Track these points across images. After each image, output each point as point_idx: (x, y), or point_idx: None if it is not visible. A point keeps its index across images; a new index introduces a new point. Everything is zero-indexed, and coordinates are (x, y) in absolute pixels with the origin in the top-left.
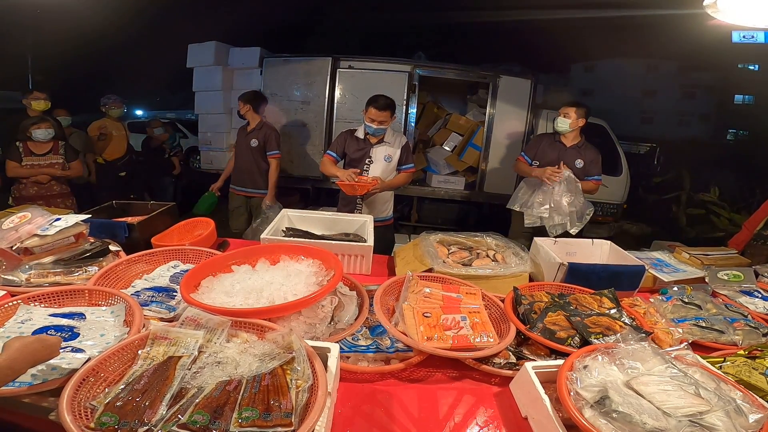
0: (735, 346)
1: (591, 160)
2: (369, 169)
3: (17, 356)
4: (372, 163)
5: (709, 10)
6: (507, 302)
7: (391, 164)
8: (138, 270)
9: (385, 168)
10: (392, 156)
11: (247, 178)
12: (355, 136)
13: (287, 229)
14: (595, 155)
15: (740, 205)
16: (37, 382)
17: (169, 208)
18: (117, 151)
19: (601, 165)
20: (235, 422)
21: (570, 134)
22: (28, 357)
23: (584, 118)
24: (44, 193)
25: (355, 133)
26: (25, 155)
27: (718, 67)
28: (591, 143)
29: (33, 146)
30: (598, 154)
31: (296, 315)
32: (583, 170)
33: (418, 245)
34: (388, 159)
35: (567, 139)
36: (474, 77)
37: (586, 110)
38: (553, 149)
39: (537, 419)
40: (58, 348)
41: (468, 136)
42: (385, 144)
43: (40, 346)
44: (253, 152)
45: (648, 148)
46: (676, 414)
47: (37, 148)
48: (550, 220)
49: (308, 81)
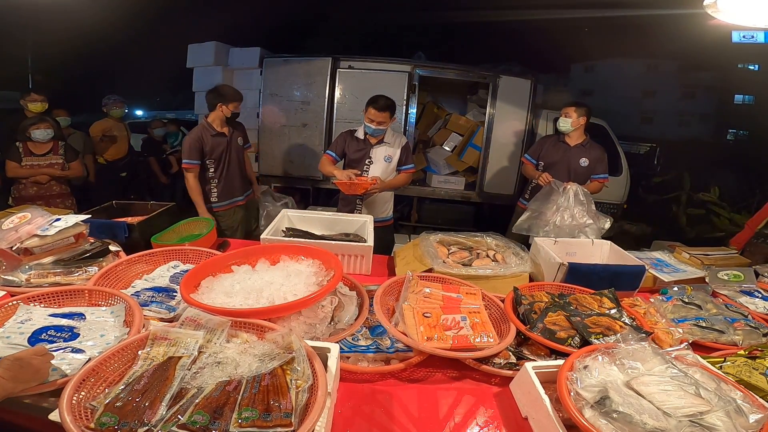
0: (735, 346)
1: (597, 158)
2: (369, 169)
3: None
4: (372, 164)
5: (709, 10)
6: (507, 302)
7: (391, 165)
8: (138, 270)
9: (385, 168)
10: (392, 156)
11: (243, 182)
12: (355, 136)
13: (287, 229)
14: (600, 153)
15: (740, 205)
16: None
17: (169, 208)
18: (118, 152)
19: (607, 163)
20: (235, 422)
21: (574, 134)
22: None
23: (585, 117)
24: (44, 194)
25: (355, 134)
26: (25, 155)
27: (718, 67)
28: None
29: (33, 146)
30: (603, 152)
31: (296, 315)
32: (589, 169)
33: (418, 245)
34: (388, 159)
35: (571, 139)
36: (474, 77)
37: (587, 109)
38: (557, 149)
39: (537, 419)
40: (46, 371)
41: (468, 136)
42: (385, 144)
43: (19, 368)
44: (239, 152)
45: (648, 148)
46: (677, 414)
47: (37, 149)
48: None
49: (308, 81)
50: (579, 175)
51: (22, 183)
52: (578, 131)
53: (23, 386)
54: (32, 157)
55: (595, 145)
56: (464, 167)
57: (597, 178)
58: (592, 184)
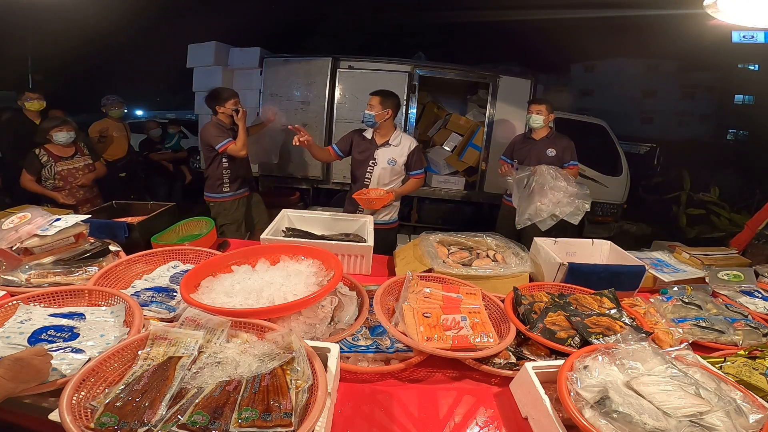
0: (735, 347)
1: (563, 147)
2: (372, 171)
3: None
4: (375, 166)
5: (709, 10)
6: (507, 302)
7: (396, 168)
8: (138, 270)
9: (388, 172)
10: (396, 160)
11: (249, 176)
12: (363, 135)
13: (287, 229)
14: (567, 142)
15: (740, 205)
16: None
17: (169, 208)
18: (118, 152)
19: (575, 151)
20: (235, 422)
21: (540, 129)
22: (8, 380)
23: (552, 113)
24: (88, 196)
25: (363, 133)
26: (55, 161)
27: (718, 67)
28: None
29: (57, 150)
30: (570, 141)
31: (296, 315)
32: (558, 159)
33: (418, 245)
34: (392, 163)
35: (537, 134)
36: (474, 77)
37: (552, 105)
38: (525, 145)
39: (537, 419)
40: (47, 372)
41: (468, 136)
42: (390, 146)
43: (19, 368)
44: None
45: (648, 148)
46: (677, 414)
47: (63, 152)
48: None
49: (308, 81)
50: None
51: (65, 189)
52: (545, 126)
53: (24, 386)
54: (63, 162)
55: (560, 136)
56: (464, 167)
57: (567, 166)
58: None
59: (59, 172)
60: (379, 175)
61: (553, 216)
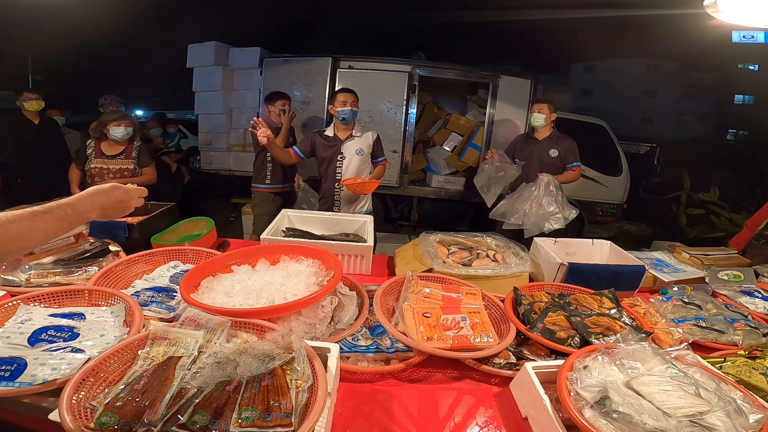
0: (735, 347)
1: (566, 148)
2: (342, 164)
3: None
4: (344, 159)
5: (709, 10)
6: (507, 302)
7: (363, 157)
8: (138, 270)
9: (360, 161)
10: (364, 149)
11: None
12: (324, 135)
13: (287, 229)
14: (570, 143)
15: (740, 205)
16: (37, 383)
17: (169, 208)
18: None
19: (578, 152)
20: (235, 422)
21: (543, 129)
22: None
23: (555, 113)
24: None
25: (324, 133)
26: (96, 156)
27: (718, 67)
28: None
29: (105, 147)
30: (572, 142)
31: (296, 315)
32: (560, 159)
33: (418, 245)
34: (360, 153)
35: (540, 134)
36: (474, 77)
37: (555, 105)
38: (528, 145)
39: (537, 419)
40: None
41: (468, 136)
42: (355, 138)
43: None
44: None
45: (648, 148)
46: (677, 414)
47: (110, 149)
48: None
49: (308, 81)
50: (551, 166)
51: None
52: (547, 126)
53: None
54: (101, 159)
55: (563, 137)
56: (464, 167)
57: (570, 167)
58: (567, 173)
59: (91, 169)
60: (349, 166)
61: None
